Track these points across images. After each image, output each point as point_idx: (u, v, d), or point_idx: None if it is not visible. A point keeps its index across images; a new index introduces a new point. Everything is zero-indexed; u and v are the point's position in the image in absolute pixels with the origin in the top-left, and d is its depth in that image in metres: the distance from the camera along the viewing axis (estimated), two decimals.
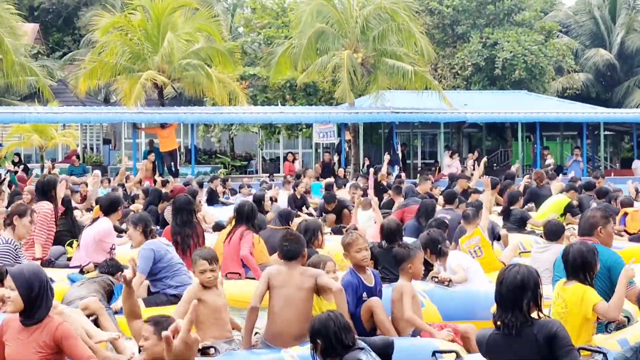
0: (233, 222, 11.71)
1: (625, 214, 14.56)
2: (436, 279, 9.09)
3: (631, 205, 15.23)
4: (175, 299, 8.94)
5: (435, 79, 36.98)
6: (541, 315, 5.42)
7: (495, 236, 12.42)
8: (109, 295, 9.00)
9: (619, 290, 6.61)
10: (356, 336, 6.24)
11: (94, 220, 11.23)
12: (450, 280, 9.01)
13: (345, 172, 29.74)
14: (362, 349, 6.05)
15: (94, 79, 31.34)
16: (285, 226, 12.27)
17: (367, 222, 14.53)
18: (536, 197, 18.04)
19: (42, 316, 5.89)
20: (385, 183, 20.98)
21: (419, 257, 7.69)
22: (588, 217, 7.76)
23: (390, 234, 9.61)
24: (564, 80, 44.17)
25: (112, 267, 9.05)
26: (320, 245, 10.68)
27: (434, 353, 6.81)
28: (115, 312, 8.41)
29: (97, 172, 17.09)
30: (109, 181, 23.22)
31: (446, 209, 14.02)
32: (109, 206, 11.09)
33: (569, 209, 15.61)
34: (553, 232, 10.59)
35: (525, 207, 17.19)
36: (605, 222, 7.68)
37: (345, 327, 6.09)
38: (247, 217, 11.23)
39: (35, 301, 5.85)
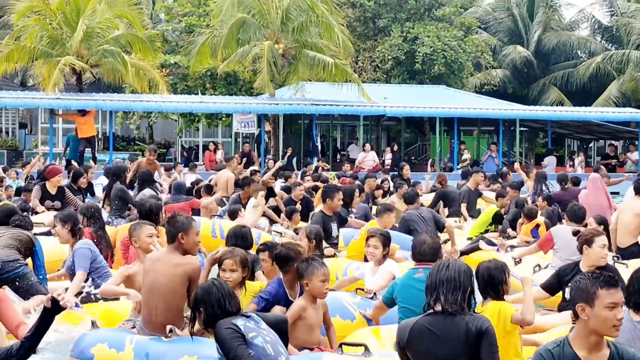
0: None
1: (537, 225, 14.09)
2: (361, 291, 9.16)
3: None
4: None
5: (356, 72, 37.26)
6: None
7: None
8: (28, 252, 9.00)
9: (526, 294, 6.79)
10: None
11: None
12: (375, 293, 9.09)
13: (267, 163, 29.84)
14: (247, 316, 5.76)
15: (11, 63, 30.82)
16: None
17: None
18: (444, 197, 18.40)
19: None
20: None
21: (317, 274, 7.13)
22: (432, 244, 7.96)
23: None
24: (482, 76, 44.81)
25: (26, 223, 9.05)
26: None
27: (340, 345, 6.76)
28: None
29: None
30: (17, 174, 22.61)
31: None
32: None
33: (497, 218, 15.60)
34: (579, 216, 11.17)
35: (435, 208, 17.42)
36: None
37: (230, 294, 5.80)
38: (147, 215, 10.61)
39: None
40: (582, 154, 37.03)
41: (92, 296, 9.06)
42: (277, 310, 7.13)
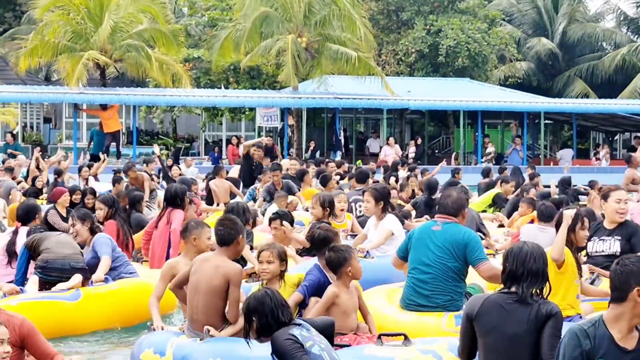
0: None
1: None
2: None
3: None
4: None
5: (379, 65, 37.14)
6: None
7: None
8: None
9: (561, 230, 7.23)
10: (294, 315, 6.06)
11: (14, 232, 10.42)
12: (367, 252, 9.22)
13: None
14: (298, 324, 5.78)
15: (35, 58, 31.00)
16: None
17: None
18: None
19: None
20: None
21: (354, 257, 7.24)
22: (456, 198, 7.90)
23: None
24: (506, 69, 44.58)
25: None
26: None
27: (379, 336, 6.73)
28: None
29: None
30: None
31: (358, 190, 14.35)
32: (26, 215, 10.46)
33: (498, 201, 15.78)
34: (547, 215, 11.04)
35: None
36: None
37: (282, 304, 5.81)
38: (172, 199, 11.31)
39: None
40: (607, 146, 36.77)
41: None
42: (313, 303, 7.17)
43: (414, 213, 15.21)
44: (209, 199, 17.61)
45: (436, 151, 39.56)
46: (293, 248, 9.70)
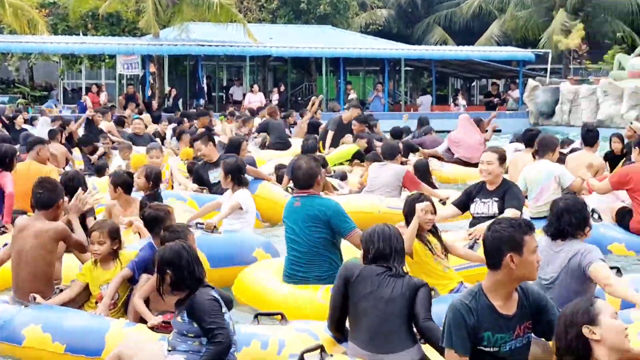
0: None
1: None
2: (201, 226, 9.07)
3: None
4: None
5: (241, 12, 36.92)
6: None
7: None
8: None
9: (411, 227, 7.15)
10: None
11: None
12: (215, 227, 9.13)
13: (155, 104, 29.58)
14: (211, 286, 5.66)
15: None
16: None
17: None
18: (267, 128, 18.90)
19: None
20: None
21: (191, 239, 6.83)
22: (306, 169, 7.81)
23: None
24: (367, 16, 44.93)
25: None
26: None
27: (256, 316, 6.70)
28: None
29: None
30: None
31: None
32: None
33: (357, 156, 16.10)
34: (389, 153, 11.79)
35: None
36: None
37: (197, 258, 5.69)
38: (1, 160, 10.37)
39: None
40: (465, 93, 37.68)
41: None
42: (144, 279, 6.88)
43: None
44: None
45: (299, 98, 39.71)
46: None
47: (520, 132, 16.08)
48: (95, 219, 8.84)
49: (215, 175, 11.37)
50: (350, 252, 7.74)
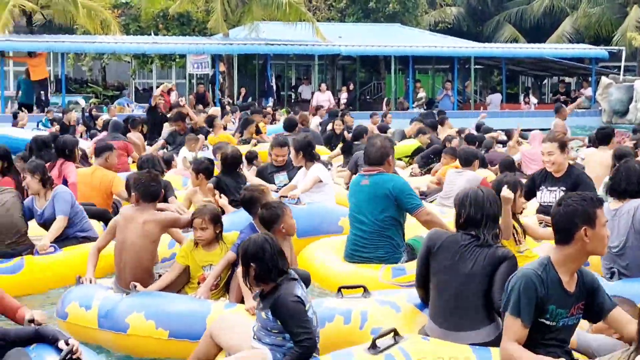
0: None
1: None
2: (285, 197, 9.27)
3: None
4: (86, 240, 9.05)
5: (310, 11, 36.98)
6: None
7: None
8: None
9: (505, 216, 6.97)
10: None
11: None
12: (298, 198, 9.25)
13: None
14: (296, 279, 5.66)
15: None
16: None
17: None
18: None
19: None
20: None
21: (287, 213, 7.09)
22: (379, 147, 7.91)
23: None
24: (437, 14, 44.68)
25: None
26: None
27: (339, 289, 6.71)
28: None
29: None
30: None
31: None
32: None
33: (418, 152, 16.00)
34: (465, 159, 11.61)
35: None
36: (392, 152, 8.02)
37: (281, 251, 5.70)
38: (62, 150, 11.07)
39: None
40: (536, 92, 37.26)
41: (77, 240, 9.13)
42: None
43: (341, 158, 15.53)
44: None
45: (368, 97, 39.65)
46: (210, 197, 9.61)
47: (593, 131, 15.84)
48: (175, 197, 9.28)
49: (281, 179, 11.37)
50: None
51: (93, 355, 5.53)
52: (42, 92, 28.95)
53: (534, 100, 34.56)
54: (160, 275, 7.33)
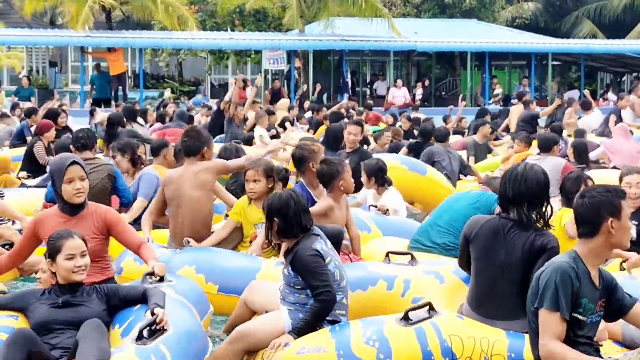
0: None
1: None
2: (375, 207, 9.23)
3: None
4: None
5: (386, 7, 36.84)
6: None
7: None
8: None
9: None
10: None
11: None
12: (387, 210, 9.20)
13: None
14: (318, 235, 5.69)
15: (41, 1, 30.85)
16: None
17: None
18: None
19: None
20: None
21: (347, 170, 7.21)
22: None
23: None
24: (514, 10, 44.19)
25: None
26: None
27: (387, 254, 6.68)
28: None
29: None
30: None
31: None
32: None
33: None
34: (545, 145, 11.47)
35: None
36: None
37: (305, 208, 5.72)
38: None
39: None
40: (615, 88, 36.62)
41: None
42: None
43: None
44: None
45: (443, 93, 39.41)
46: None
47: None
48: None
49: None
50: None
51: (184, 324, 5.36)
52: (119, 87, 29.33)
53: (612, 97, 33.95)
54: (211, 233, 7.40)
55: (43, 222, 6.07)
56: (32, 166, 13.35)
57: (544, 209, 5.51)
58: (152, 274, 5.85)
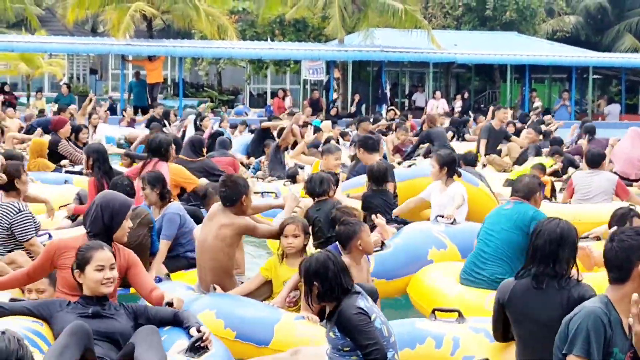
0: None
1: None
2: (441, 218, 9.10)
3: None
4: (195, 261, 8.42)
5: (426, 18, 36.81)
6: (579, 278, 5.36)
7: None
8: None
9: None
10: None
11: None
12: (454, 219, 9.07)
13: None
14: (359, 293, 5.50)
15: (83, 9, 31.10)
16: (200, 157, 12.58)
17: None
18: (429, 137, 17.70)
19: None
20: None
21: (365, 230, 7.06)
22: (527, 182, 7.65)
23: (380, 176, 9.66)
24: (555, 23, 43.94)
25: None
26: None
27: (433, 311, 6.55)
28: None
29: None
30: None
31: None
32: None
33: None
34: (594, 161, 11.51)
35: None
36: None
37: (344, 268, 5.51)
38: (157, 149, 10.58)
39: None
40: None
41: (187, 260, 8.74)
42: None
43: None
44: None
45: (482, 105, 39.22)
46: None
47: None
48: None
49: None
50: None
51: (220, 344, 5.57)
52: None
53: None
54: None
55: (63, 251, 5.98)
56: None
57: (572, 261, 5.41)
58: (170, 304, 5.84)
